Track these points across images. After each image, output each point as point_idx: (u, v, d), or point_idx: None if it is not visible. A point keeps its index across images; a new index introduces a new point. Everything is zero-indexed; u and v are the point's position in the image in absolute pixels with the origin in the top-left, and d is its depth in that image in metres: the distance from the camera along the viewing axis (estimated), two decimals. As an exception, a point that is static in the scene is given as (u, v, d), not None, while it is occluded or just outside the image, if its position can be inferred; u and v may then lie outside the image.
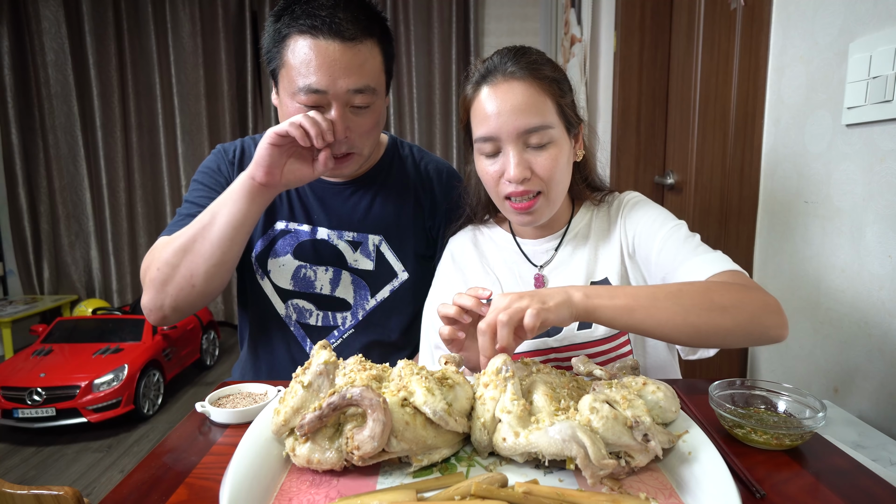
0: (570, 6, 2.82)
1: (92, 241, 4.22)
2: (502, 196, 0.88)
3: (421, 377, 0.61)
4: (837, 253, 0.95)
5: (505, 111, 0.82)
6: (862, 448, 0.75)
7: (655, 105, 1.98)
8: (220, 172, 1.08)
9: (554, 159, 0.84)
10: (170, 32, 3.97)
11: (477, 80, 0.87)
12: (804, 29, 1.02)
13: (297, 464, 0.58)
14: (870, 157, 0.86)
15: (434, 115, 4.01)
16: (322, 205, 1.09)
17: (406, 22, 3.90)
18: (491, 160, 0.87)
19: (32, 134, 4.04)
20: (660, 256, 0.85)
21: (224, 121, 4.07)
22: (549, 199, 0.87)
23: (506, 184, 0.86)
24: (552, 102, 0.85)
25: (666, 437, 0.58)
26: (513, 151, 0.83)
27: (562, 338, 0.90)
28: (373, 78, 0.93)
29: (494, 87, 0.84)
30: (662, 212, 0.91)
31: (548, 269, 0.95)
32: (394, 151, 1.14)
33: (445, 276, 1.02)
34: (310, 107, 0.91)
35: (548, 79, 0.85)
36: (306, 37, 0.89)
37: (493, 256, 0.99)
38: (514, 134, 0.83)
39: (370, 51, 0.93)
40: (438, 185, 1.13)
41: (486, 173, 0.88)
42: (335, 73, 0.89)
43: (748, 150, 1.24)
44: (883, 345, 0.86)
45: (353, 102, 0.92)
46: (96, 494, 2.24)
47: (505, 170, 0.85)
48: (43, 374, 2.68)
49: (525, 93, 0.83)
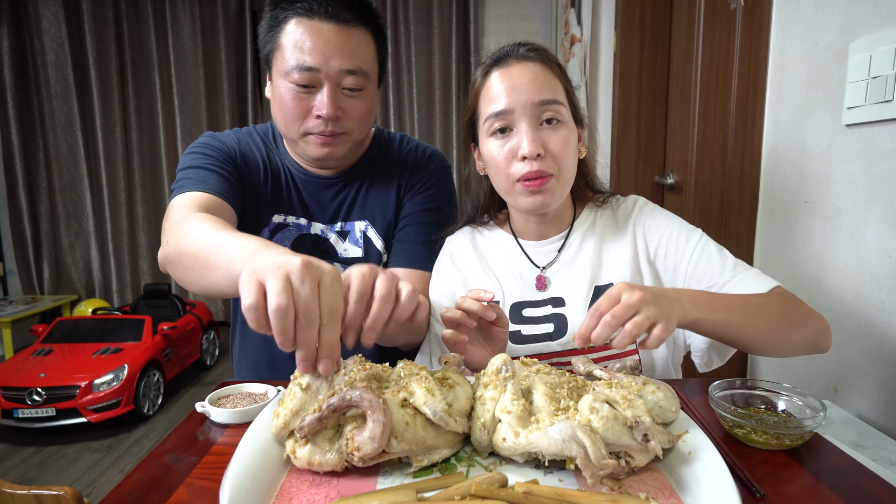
0: (570, 6, 2.82)
1: (92, 241, 4.22)
2: (514, 179, 0.85)
3: (421, 377, 0.61)
4: (837, 253, 0.95)
5: (520, 85, 0.84)
6: (862, 448, 0.75)
7: (655, 105, 1.98)
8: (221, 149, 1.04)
9: (566, 139, 0.85)
10: (170, 32, 3.97)
11: (488, 65, 0.88)
12: (804, 29, 1.02)
13: (298, 465, 0.58)
14: (870, 157, 0.86)
15: (434, 115, 4.01)
16: (314, 199, 1.09)
17: (406, 22, 3.90)
18: (502, 140, 0.86)
19: (32, 134, 4.05)
20: (697, 268, 0.87)
21: (224, 121, 4.07)
22: (560, 182, 0.87)
23: (518, 164, 0.84)
24: (562, 87, 0.87)
25: (666, 437, 0.58)
26: (527, 126, 0.83)
27: (565, 342, 0.89)
28: (365, 62, 0.95)
29: (508, 68, 0.86)
30: (680, 219, 0.93)
31: (550, 271, 0.94)
32: (379, 141, 1.14)
33: (444, 276, 1.01)
34: (302, 86, 0.93)
35: (558, 65, 0.88)
36: (302, 18, 0.91)
37: (494, 258, 0.99)
38: (528, 106, 0.83)
39: (363, 37, 0.95)
40: (416, 164, 1.12)
41: (497, 155, 0.86)
42: (328, 52, 0.91)
43: (748, 150, 1.23)
44: (883, 345, 0.86)
45: (345, 84, 0.94)
46: (96, 494, 2.24)
47: (518, 147, 0.84)
48: (43, 374, 2.68)
49: (539, 71, 0.85)
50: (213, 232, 0.77)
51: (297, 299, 0.53)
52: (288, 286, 0.53)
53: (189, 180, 0.96)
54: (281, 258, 0.56)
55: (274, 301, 0.52)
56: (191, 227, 0.80)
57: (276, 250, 0.62)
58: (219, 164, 1.01)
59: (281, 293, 0.52)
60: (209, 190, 0.94)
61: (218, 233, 0.76)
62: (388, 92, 3.98)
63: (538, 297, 0.93)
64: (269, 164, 1.09)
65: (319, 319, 0.55)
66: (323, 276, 0.56)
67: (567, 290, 0.92)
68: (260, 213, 1.08)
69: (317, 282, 0.55)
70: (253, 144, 1.10)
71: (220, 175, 0.99)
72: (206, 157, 1.02)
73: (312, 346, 0.56)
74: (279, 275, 0.53)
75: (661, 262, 0.91)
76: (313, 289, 0.54)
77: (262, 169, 1.08)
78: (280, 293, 0.52)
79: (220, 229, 0.77)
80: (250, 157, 1.08)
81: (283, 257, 0.56)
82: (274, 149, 1.11)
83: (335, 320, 0.56)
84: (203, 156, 1.02)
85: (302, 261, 0.55)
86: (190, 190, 0.93)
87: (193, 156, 1.02)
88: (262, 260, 0.57)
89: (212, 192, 0.94)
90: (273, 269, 0.54)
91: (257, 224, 1.09)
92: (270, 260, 0.56)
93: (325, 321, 0.55)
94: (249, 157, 1.08)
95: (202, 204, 0.91)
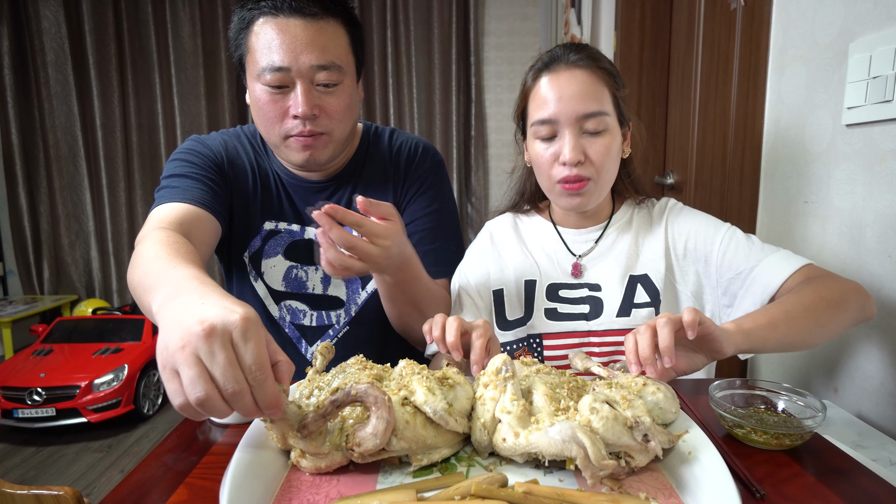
0: (570, 6, 2.81)
1: (92, 241, 4.22)
2: (555, 180, 0.91)
3: (422, 377, 0.61)
4: (837, 253, 0.95)
5: (566, 96, 0.87)
6: (862, 448, 0.75)
7: (655, 105, 1.98)
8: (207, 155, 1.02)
9: (607, 147, 0.89)
10: (170, 32, 3.96)
11: (539, 69, 0.92)
12: (804, 29, 1.02)
13: (307, 472, 0.58)
14: (870, 157, 0.86)
15: (434, 115, 4.00)
16: (306, 204, 1.07)
17: (406, 22, 3.90)
18: (546, 144, 0.91)
19: (32, 134, 4.04)
20: (726, 257, 0.90)
21: (224, 121, 4.07)
22: (598, 185, 0.91)
23: (559, 167, 0.90)
24: (609, 93, 0.90)
25: (666, 438, 0.58)
26: (570, 135, 0.88)
27: (600, 322, 0.93)
28: (338, 56, 0.92)
29: (556, 74, 0.89)
30: (709, 216, 0.97)
31: (587, 259, 0.98)
32: (369, 139, 1.12)
33: (480, 254, 1.05)
34: (275, 87, 0.90)
35: (607, 70, 0.90)
36: (268, 17, 0.89)
37: (533, 242, 1.03)
38: (572, 117, 0.87)
39: (333, 29, 0.92)
40: (407, 159, 1.10)
41: (541, 156, 0.91)
42: (297, 48, 0.88)
43: (748, 150, 1.23)
44: (883, 345, 0.86)
45: (319, 80, 0.91)
46: (96, 494, 2.24)
47: (560, 153, 0.88)
48: (43, 374, 2.68)
49: (586, 80, 0.88)
50: (149, 264, 0.70)
51: (215, 379, 0.48)
52: (201, 370, 0.47)
53: (170, 189, 0.94)
54: (182, 330, 0.48)
55: (192, 397, 0.47)
56: (141, 252, 0.75)
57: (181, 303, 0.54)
58: (203, 172, 0.98)
59: (195, 384, 0.47)
60: (189, 200, 0.91)
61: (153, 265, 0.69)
62: (388, 92, 3.98)
63: (574, 282, 0.98)
64: (257, 169, 1.06)
65: (247, 384, 0.49)
66: (232, 334, 0.49)
67: (603, 277, 0.96)
68: (250, 220, 1.06)
69: (228, 345, 0.48)
70: (241, 149, 1.07)
71: (203, 183, 0.96)
72: (190, 164, 0.99)
73: (252, 410, 0.50)
74: (186, 359, 0.47)
75: (692, 254, 0.95)
76: (228, 358, 0.48)
77: (251, 175, 1.05)
78: (194, 384, 0.47)
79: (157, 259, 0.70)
80: (238, 162, 1.05)
81: (184, 326, 0.49)
82: (262, 153, 1.08)
83: (262, 376, 0.49)
84: (187, 163, 0.99)
85: (204, 329, 0.48)
86: (169, 201, 0.91)
87: (177, 163, 1.00)
88: (167, 334, 0.50)
89: (192, 202, 0.91)
90: (179, 355, 0.48)
91: (248, 232, 1.06)
92: (174, 336, 0.49)
93: (253, 384, 0.49)
94: (237, 163, 1.05)
95: (178, 217, 0.87)
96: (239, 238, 1.08)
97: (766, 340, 0.73)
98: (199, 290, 0.56)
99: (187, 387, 0.47)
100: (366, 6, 3.86)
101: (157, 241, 0.76)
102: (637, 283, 0.94)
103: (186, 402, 0.48)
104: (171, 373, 0.49)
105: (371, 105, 4.00)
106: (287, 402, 0.56)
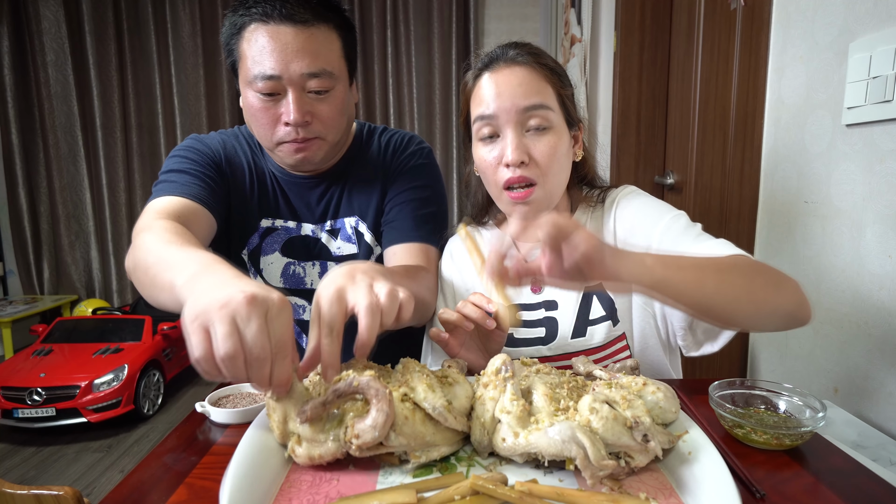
0: (570, 6, 2.81)
1: (92, 241, 4.22)
2: (501, 185, 0.85)
3: (422, 375, 0.62)
4: (837, 253, 0.95)
5: (505, 92, 0.83)
6: (862, 448, 0.75)
7: (655, 105, 1.98)
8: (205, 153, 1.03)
9: (552, 146, 0.84)
10: (170, 32, 3.96)
11: (479, 69, 0.87)
12: (804, 29, 1.02)
13: (300, 463, 0.58)
14: (870, 157, 0.86)
15: (434, 115, 4.00)
16: (301, 201, 1.08)
17: (406, 22, 3.90)
18: (489, 146, 0.86)
19: (32, 134, 4.04)
20: (662, 245, 0.82)
21: (224, 121, 4.07)
22: (545, 191, 0.86)
23: (503, 170, 0.84)
24: (553, 90, 0.85)
25: (666, 438, 0.58)
26: (511, 133, 0.83)
27: (555, 346, 0.89)
28: (329, 62, 0.92)
29: (496, 72, 0.85)
30: (660, 203, 0.90)
31: None
32: (361, 138, 1.12)
33: (446, 275, 1.02)
34: (266, 94, 0.90)
35: (549, 68, 0.85)
36: (259, 24, 0.88)
37: None
38: (512, 112, 0.82)
39: (325, 35, 0.91)
40: (395, 151, 1.10)
41: (484, 161, 0.87)
42: (288, 56, 0.88)
43: (748, 150, 1.23)
44: (883, 345, 0.86)
45: (310, 87, 0.91)
46: (96, 494, 2.24)
47: (503, 154, 0.83)
48: (43, 374, 2.68)
49: (526, 76, 0.83)
50: (164, 246, 0.72)
51: (245, 341, 0.51)
52: (234, 329, 0.50)
53: (168, 184, 0.94)
54: (223, 294, 0.52)
55: (221, 349, 0.50)
56: (149, 238, 0.77)
57: (218, 277, 0.59)
58: (201, 169, 0.99)
59: (227, 339, 0.50)
60: (187, 195, 0.92)
61: (168, 248, 0.72)
62: (388, 92, 3.98)
63: (533, 299, 0.93)
64: (254, 168, 1.07)
65: (270, 354, 0.52)
66: (269, 308, 0.53)
67: (560, 293, 0.92)
68: (248, 218, 1.07)
69: (263, 316, 0.52)
70: (239, 148, 1.08)
71: (200, 180, 0.97)
72: (189, 160, 1.00)
73: (266, 380, 0.53)
74: (224, 317, 0.50)
75: (632, 242, 0.88)
76: (261, 325, 0.51)
77: (248, 174, 1.07)
78: (226, 339, 0.50)
79: (171, 243, 0.73)
80: (236, 161, 1.07)
81: (225, 292, 0.52)
82: (258, 152, 1.09)
83: (284, 352, 0.53)
84: (186, 159, 1.00)
85: (246, 296, 0.51)
86: (167, 194, 0.92)
87: (176, 159, 1.01)
88: (203, 296, 0.53)
89: (189, 197, 0.92)
90: (216, 312, 0.50)
91: (246, 229, 1.08)
92: (213, 297, 0.52)
93: (275, 356, 0.53)
94: (235, 162, 1.06)
95: (176, 210, 0.88)
96: (238, 236, 1.09)
97: (685, 283, 0.63)
98: (232, 271, 0.61)
99: (219, 340, 0.50)
100: (366, 6, 3.86)
101: (166, 230, 0.78)
102: (592, 297, 0.90)
103: (209, 354, 0.51)
104: (199, 326, 0.51)
105: (371, 105, 4.00)
106: (296, 380, 0.59)
